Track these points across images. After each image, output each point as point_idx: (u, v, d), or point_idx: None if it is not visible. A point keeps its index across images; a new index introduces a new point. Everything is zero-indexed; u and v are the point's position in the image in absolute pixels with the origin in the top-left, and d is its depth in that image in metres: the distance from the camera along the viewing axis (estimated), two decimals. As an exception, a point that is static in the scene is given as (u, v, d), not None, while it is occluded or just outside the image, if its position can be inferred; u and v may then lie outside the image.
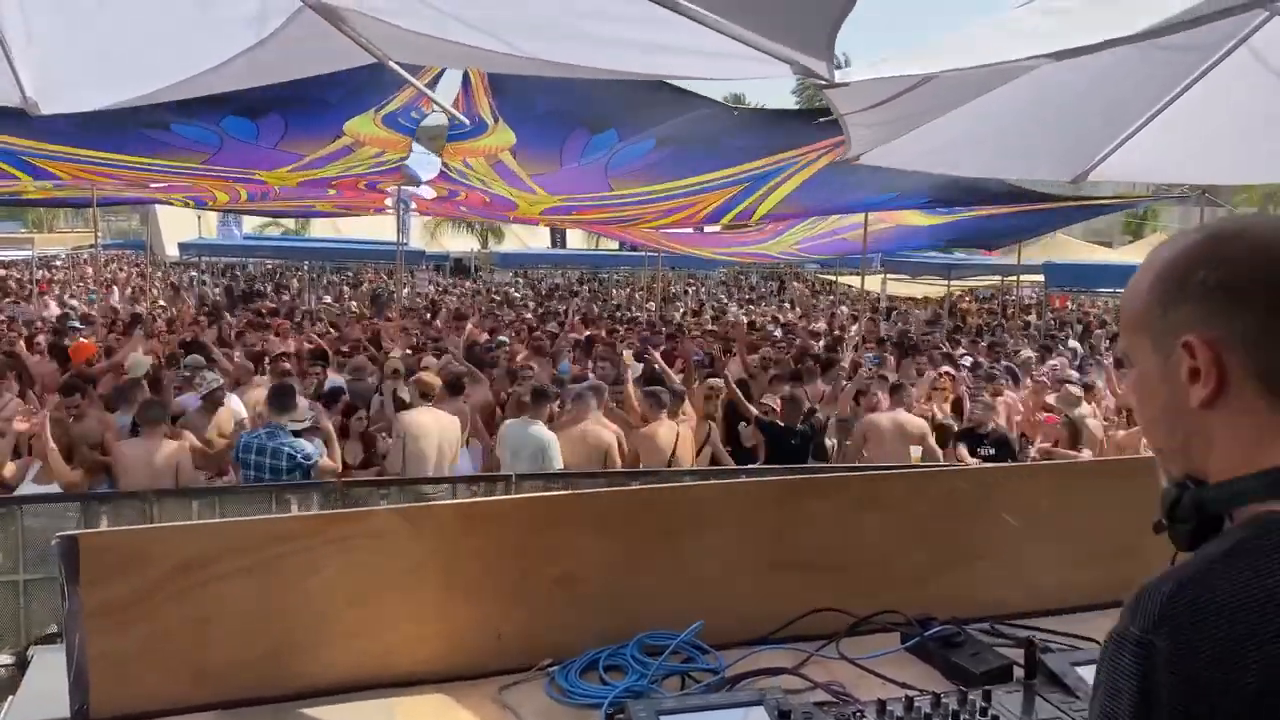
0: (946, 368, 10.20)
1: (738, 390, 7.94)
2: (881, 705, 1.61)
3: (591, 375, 8.67)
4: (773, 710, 1.61)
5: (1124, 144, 3.51)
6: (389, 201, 15.75)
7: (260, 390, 7.57)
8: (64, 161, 8.26)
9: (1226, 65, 3.02)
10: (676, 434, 6.93)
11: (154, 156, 7.77)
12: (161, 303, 18.16)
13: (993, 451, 6.88)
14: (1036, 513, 2.23)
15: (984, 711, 1.64)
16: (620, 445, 6.70)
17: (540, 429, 6.43)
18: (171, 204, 19.77)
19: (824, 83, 2.29)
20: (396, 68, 3.30)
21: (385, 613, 1.86)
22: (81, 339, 10.88)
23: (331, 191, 15.47)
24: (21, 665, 2.37)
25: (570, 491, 2.11)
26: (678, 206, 9.53)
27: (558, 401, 7.15)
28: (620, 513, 2.03)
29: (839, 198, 8.80)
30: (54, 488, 5.55)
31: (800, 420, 7.40)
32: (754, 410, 7.68)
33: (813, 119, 6.30)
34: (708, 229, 13.37)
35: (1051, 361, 11.81)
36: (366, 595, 1.85)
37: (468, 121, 7.08)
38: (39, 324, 13.52)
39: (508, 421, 6.82)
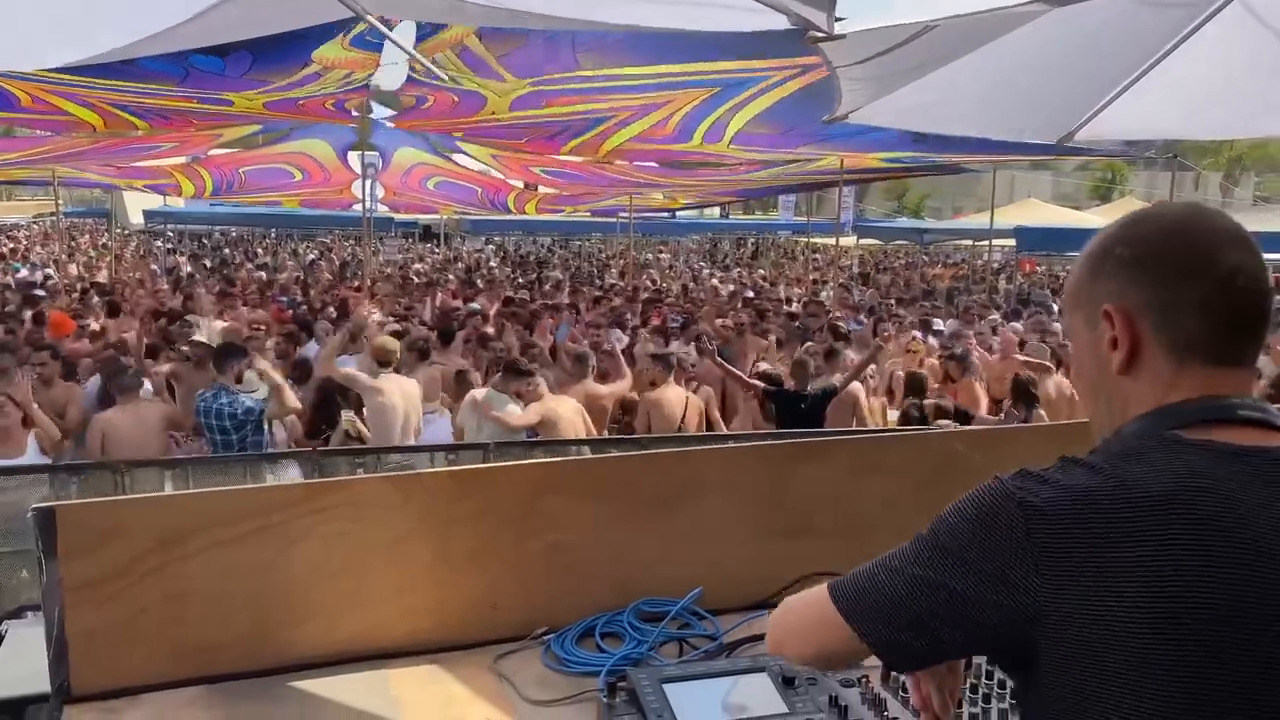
0: (916, 332, 10.22)
1: (723, 361, 7.85)
2: (886, 672, 1.57)
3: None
4: (776, 677, 1.58)
5: (1110, 105, 3.47)
6: (355, 188, 15.40)
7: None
8: (28, 82, 7.94)
9: (1218, 22, 2.98)
10: (686, 399, 6.88)
11: (120, 79, 7.54)
12: (137, 274, 17.92)
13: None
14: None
15: (989, 674, 1.62)
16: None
17: (510, 402, 6.35)
18: (134, 187, 19.35)
19: (822, 35, 2.22)
20: (376, 23, 3.19)
21: (375, 583, 1.81)
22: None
23: (298, 175, 15.12)
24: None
25: (564, 458, 2.06)
26: (649, 104, 9.24)
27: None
28: (615, 479, 1.99)
29: (812, 125, 8.53)
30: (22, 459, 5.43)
31: (809, 384, 7.20)
32: (748, 379, 7.58)
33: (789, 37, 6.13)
34: (679, 149, 12.87)
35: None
36: (354, 566, 1.79)
37: (443, 75, 6.87)
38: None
39: (475, 392, 6.71)
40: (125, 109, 8.21)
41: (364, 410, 6.57)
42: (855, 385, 7.26)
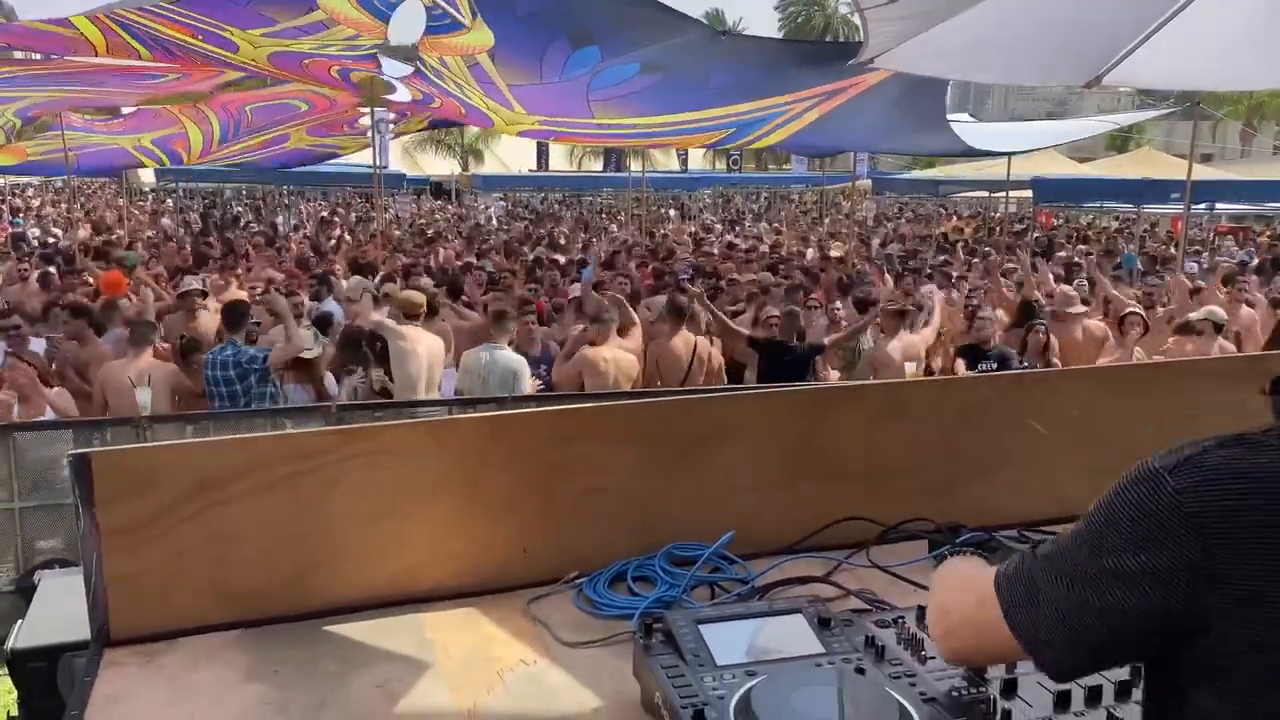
0: (931, 285, 10.14)
1: (713, 308, 7.84)
2: (922, 611, 1.58)
3: None
4: (812, 619, 1.58)
5: (1141, 47, 3.39)
6: (364, 120, 15.15)
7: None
8: None
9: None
10: (694, 345, 6.89)
11: None
12: (149, 232, 17.94)
13: (994, 366, 6.76)
14: (1063, 419, 2.20)
15: None
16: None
17: (508, 353, 6.32)
18: (142, 145, 19.18)
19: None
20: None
21: (409, 528, 1.82)
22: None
23: (304, 106, 14.89)
24: (22, 591, 2.33)
25: (595, 405, 2.06)
26: (660, 143, 9.27)
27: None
28: (646, 425, 1.99)
29: (831, 142, 8.56)
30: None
31: (797, 338, 7.24)
32: (744, 330, 7.59)
33: (798, 51, 6.14)
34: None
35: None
36: (390, 511, 1.80)
37: (448, 73, 6.77)
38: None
39: (468, 351, 6.70)
40: (129, 30, 7.86)
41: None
42: (917, 340, 7.30)
